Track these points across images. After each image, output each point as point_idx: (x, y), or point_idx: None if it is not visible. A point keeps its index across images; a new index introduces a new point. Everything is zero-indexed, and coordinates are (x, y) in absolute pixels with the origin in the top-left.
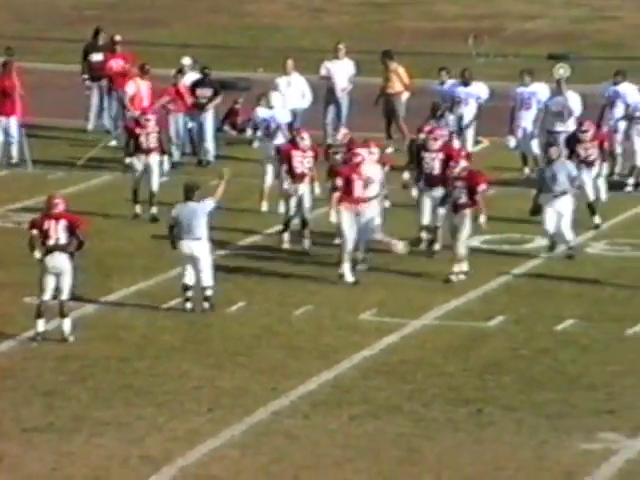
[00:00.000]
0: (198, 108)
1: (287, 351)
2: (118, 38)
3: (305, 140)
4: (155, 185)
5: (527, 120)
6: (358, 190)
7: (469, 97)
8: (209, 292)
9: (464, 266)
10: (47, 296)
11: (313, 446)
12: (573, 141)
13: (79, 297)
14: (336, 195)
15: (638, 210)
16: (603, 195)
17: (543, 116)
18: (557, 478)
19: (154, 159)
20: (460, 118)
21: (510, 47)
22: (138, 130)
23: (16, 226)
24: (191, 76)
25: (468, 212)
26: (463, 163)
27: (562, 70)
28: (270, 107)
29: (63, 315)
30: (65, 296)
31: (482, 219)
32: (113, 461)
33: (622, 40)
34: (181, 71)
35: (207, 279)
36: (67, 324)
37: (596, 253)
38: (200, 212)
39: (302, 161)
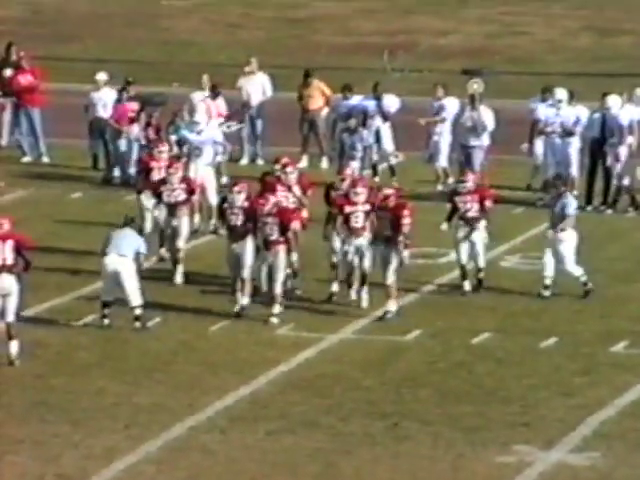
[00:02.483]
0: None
1: (204, 367)
2: (22, 54)
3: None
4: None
5: (438, 134)
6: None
7: (384, 110)
8: (138, 311)
9: (277, 308)
10: None
11: (230, 462)
12: (452, 193)
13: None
14: None
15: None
16: (481, 262)
17: (457, 131)
18: None
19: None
20: (377, 132)
21: (425, 62)
22: (153, 163)
23: None
24: (106, 92)
25: (282, 249)
26: (273, 199)
27: (476, 85)
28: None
29: (10, 337)
30: (12, 318)
31: (293, 257)
32: (28, 479)
33: (533, 55)
34: (125, 89)
35: (135, 299)
36: (14, 346)
37: (510, 266)
38: (132, 237)
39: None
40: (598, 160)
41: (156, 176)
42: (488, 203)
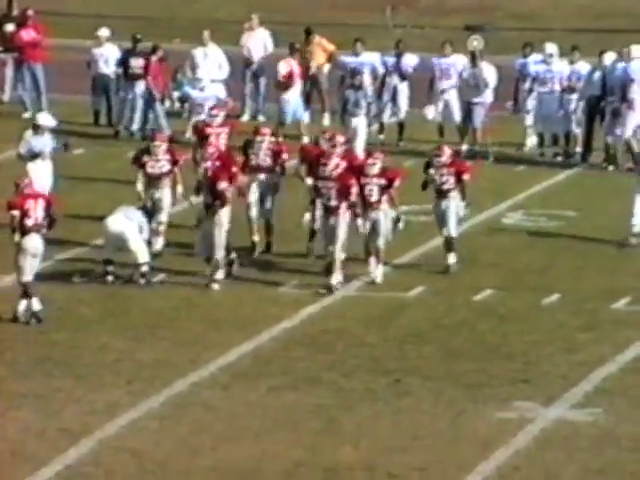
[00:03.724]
0: (131, 79)
1: (206, 323)
2: (30, 11)
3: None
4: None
5: (449, 91)
6: None
7: (403, 68)
8: (144, 268)
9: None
10: (29, 276)
11: (232, 417)
12: (427, 165)
13: None
14: None
15: (553, 181)
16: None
17: (461, 88)
18: (474, 447)
19: None
20: (394, 89)
21: (426, 18)
22: (209, 130)
23: None
24: (108, 48)
25: (222, 213)
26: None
27: (476, 42)
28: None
29: (30, 295)
30: (31, 277)
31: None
32: (30, 434)
33: (536, 11)
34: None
35: (141, 256)
36: (36, 303)
37: (512, 223)
38: (139, 214)
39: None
40: (596, 117)
41: (213, 142)
42: (465, 177)
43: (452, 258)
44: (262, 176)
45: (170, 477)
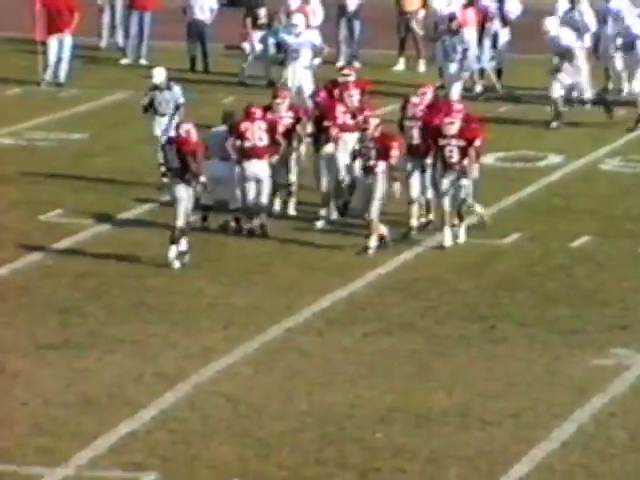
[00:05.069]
0: (259, 29)
1: (301, 269)
2: None
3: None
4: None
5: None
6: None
7: (505, 14)
8: (238, 214)
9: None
10: (179, 222)
11: (326, 363)
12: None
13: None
14: None
15: None
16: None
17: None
18: (569, 394)
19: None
20: (495, 35)
21: None
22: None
23: (29, 144)
24: None
25: (380, 173)
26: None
27: None
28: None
29: (174, 240)
30: (181, 223)
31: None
32: (127, 378)
33: None
34: None
35: (234, 201)
36: (179, 247)
37: (610, 169)
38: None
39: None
40: None
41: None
42: (477, 143)
43: (479, 207)
44: (347, 135)
45: (264, 422)
